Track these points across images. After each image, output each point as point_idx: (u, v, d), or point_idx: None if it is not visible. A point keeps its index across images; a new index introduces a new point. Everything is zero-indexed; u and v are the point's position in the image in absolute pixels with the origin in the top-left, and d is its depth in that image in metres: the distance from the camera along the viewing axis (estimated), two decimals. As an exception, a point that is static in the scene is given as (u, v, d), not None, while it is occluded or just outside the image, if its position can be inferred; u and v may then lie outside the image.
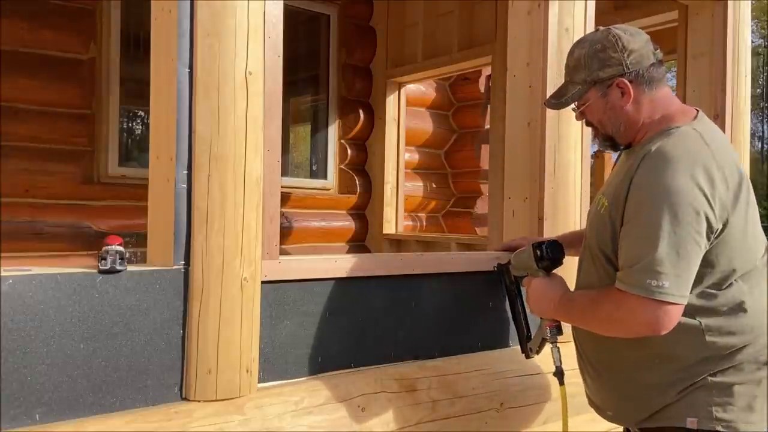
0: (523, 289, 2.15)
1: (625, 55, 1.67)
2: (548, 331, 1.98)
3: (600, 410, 1.85)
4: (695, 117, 1.69)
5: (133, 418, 1.63)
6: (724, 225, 1.53)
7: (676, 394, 1.60)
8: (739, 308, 1.57)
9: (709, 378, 1.58)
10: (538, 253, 1.94)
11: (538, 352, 2.18)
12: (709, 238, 1.52)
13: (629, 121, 1.71)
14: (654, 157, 1.57)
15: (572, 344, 1.95)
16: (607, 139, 1.78)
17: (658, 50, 1.73)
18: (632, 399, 1.69)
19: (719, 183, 1.52)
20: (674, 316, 1.49)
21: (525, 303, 2.22)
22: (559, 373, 1.98)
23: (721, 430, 1.56)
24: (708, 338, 1.57)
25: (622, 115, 1.71)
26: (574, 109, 1.84)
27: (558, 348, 2.01)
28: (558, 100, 1.82)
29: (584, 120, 1.83)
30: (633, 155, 1.69)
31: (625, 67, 1.67)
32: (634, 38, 1.68)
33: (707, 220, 1.50)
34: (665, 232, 1.47)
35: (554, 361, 2.00)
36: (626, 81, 1.67)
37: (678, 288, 1.47)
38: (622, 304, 1.53)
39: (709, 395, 1.57)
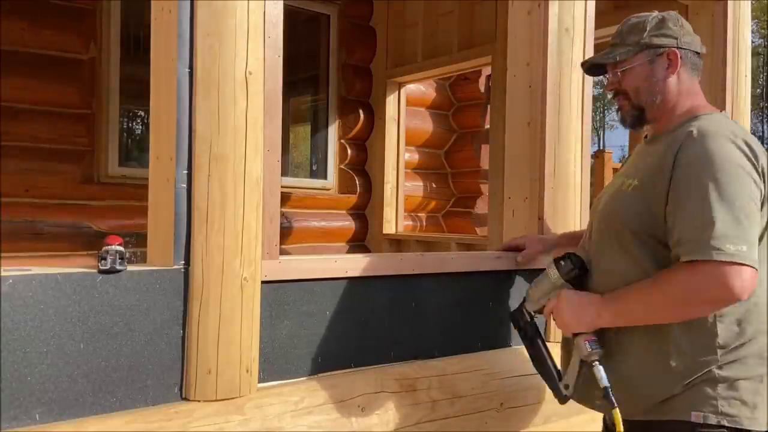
0: (539, 320, 2.00)
1: (682, 32, 1.73)
2: (587, 346, 1.66)
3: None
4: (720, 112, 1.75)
5: (133, 418, 1.63)
6: (762, 203, 1.55)
7: (682, 386, 1.58)
8: (750, 298, 1.54)
9: (715, 371, 1.56)
10: (562, 264, 1.78)
11: (574, 386, 1.78)
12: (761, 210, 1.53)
13: (666, 94, 1.73)
14: (698, 134, 1.57)
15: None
16: (635, 109, 1.78)
17: (703, 47, 1.79)
18: (637, 388, 1.66)
19: (761, 157, 1.55)
20: (752, 282, 1.45)
21: (544, 334, 2.16)
22: (609, 395, 1.60)
23: (726, 424, 1.54)
24: (718, 325, 1.56)
25: (662, 87, 1.73)
26: (605, 77, 1.87)
27: (601, 364, 1.66)
28: (600, 59, 1.83)
29: (612, 90, 1.83)
30: (661, 141, 1.69)
31: (679, 42, 1.72)
32: (689, 25, 1.77)
33: (759, 191, 1.52)
34: (730, 200, 1.46)
35: (601, 381, 1.62)
36: (678, 53, 1.71)
37: (752, 253, 1.45)
38: (699, 275, 1.46)
39: (714, 389, 1.56)
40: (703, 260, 1.44)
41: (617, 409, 1.56)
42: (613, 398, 1.58)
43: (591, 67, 1.93)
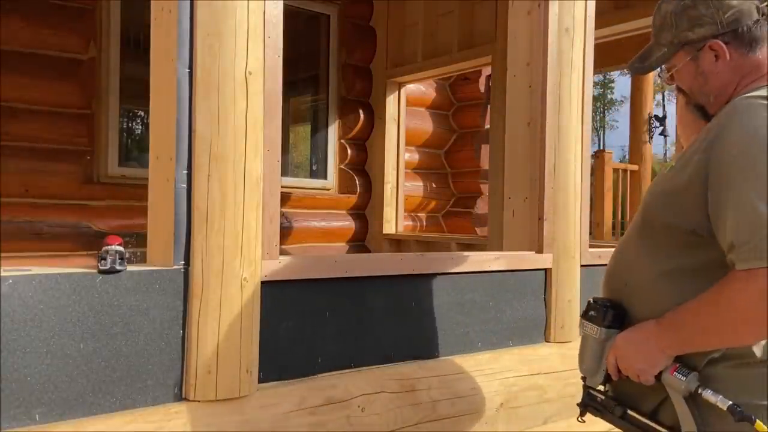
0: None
1: (721, 12, 1.39)
2: (678, 377, 1.35)
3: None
4: None
5: (133, 418, 1.63)
6: None
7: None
8: None
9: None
10: (593, 314, 1.52)
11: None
12: None
13: (722, 89, 1.44)
14: (731, 111, 1.31)
15: (574, 343, 1.93)
16: (697, 108, 1.52)
17: (765, 2, 1.43)
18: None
19: None
20: None
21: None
22: (738, 412, 1.28)
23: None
24: None
25: (715, 83, 1.44)
26: (661, 75, 1.60)
27: (708, 386, 1.33)
28: (642, 64, 1.57)
29: (675, 87, 1.58)
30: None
31: (720, 26, 1.40)
32: None
33: None
34: None
35: (719, 404, 1.30)
36: (721, 43, 1.40)
37: None
38: (759, 286, 1.17)
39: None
40: (760, 268, 1.18)
41: (759, 421, 1.25)
42: (744, 411, 1.27)
43: (644, 70, 1.63)
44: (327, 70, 5.01)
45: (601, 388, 1.57)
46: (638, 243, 1.49)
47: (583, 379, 1.60)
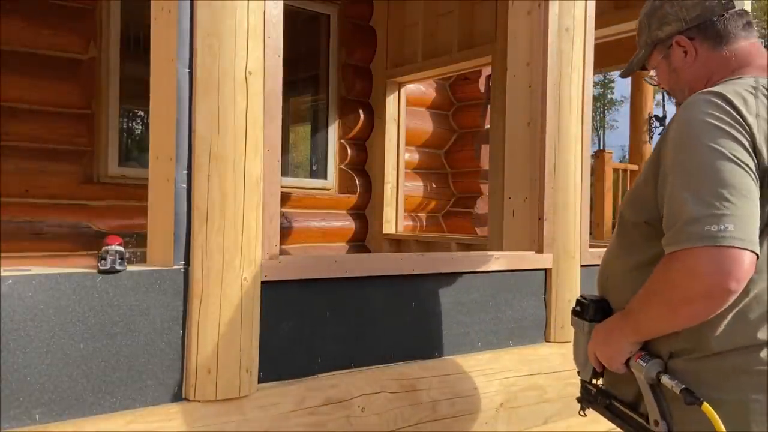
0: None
1: (685, 9, 1.46)
2: (641, 364, 1.39)
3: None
4: None
5: (133, 418, 1.63)
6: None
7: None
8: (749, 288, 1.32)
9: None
10: (579, 309, 1.58)
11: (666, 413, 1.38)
12: (761, 180, 1.24)
13: (694, 83, 1.47)
14: (689, 100, 1.35)
15: (569, 344, 1.93)
16: (679, 105, 1.51)
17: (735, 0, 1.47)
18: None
19: (748, 112, 1.26)
20: (748, 266, 1.17)
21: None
22: (689, 394, 1.28)
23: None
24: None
25: (687, 78, 1.49)
26: (648, 78, 1.66)
27: (667, 371, 1.37)
28: (625, 70, 1.68)
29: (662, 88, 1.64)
30: None
31: (684, 23, 1.46)
32: None
33: (743, 146, 1.23)
34: (702, 174, 1.21)
35: (674, 388, 1.32)
36: (686, 38, 1.46)
37: (744, 231, 1.16)
38: (673, 269, 1.22)
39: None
40: (678, 250, 1.22)
41: (705, 404, 1.25)
42: (695, 394, 1.27)
43: (626, 73, 1.74)
44: (327, 70, 5.01)
45: (595, 381, 1.61)
46: (616, 242, 1.56)
47: (578, 373, 1.65)
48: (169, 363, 1.74)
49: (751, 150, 1.24)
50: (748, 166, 1.22)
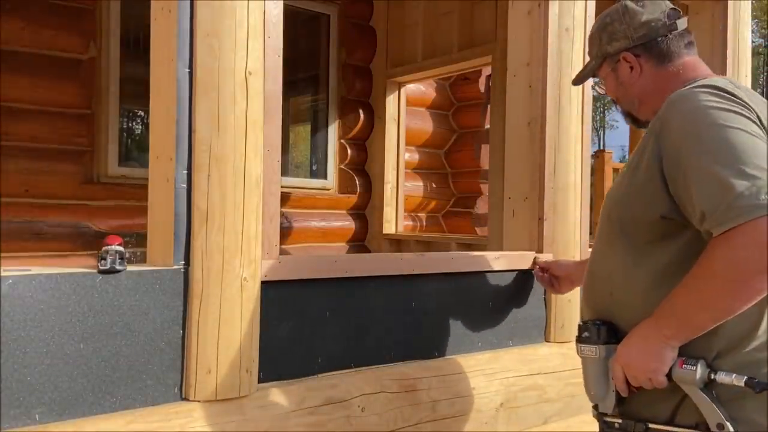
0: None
1: (632, 28, 1.58)
2: (688, 370, 1.32)
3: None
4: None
5: (133, 418, 1.63)
6: None
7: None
8: None
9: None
10: (587, 335, 1.49)
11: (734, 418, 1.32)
12: None
13: (644, 96, 1.61)
14: (676, 96, 1.41)
15: (569, 344, 1.92)
16: (627, 115, 1.70)
17: (681, 19, 1.58)
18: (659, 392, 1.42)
19: (744, 98, 1.34)
20: None
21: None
22: (754, 383, 1.28)
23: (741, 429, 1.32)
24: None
25: (635, 91, 1.62)
26: (597, 86, 1.79)
27: (718, 370, 1.33)
28: (577, 79, 1.81)
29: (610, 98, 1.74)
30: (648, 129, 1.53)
31: (631, 41, 1.58)
32: (647, 9, 1.58)
33: (762, 129, 1.31)
34: (735, 145, 1.24)
35: (736, 381, 1.29)
36: (632, 55, 1.59)
37: None
38: (739, 243, 1.20)
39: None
40: (736, 226, 1.20)
41: None
42: (761, 381, 1.27)
43: (578, 81, 1.86)
44: (327, 70, 5.00)
45: (613, 413, 1.49)
46: (611, 251, 1.53)
47: (596, 407, 1.52)
48: (169, 363, 1.74)
49: (759, 124, 1.31)
50: (763, 138, 1.27)
